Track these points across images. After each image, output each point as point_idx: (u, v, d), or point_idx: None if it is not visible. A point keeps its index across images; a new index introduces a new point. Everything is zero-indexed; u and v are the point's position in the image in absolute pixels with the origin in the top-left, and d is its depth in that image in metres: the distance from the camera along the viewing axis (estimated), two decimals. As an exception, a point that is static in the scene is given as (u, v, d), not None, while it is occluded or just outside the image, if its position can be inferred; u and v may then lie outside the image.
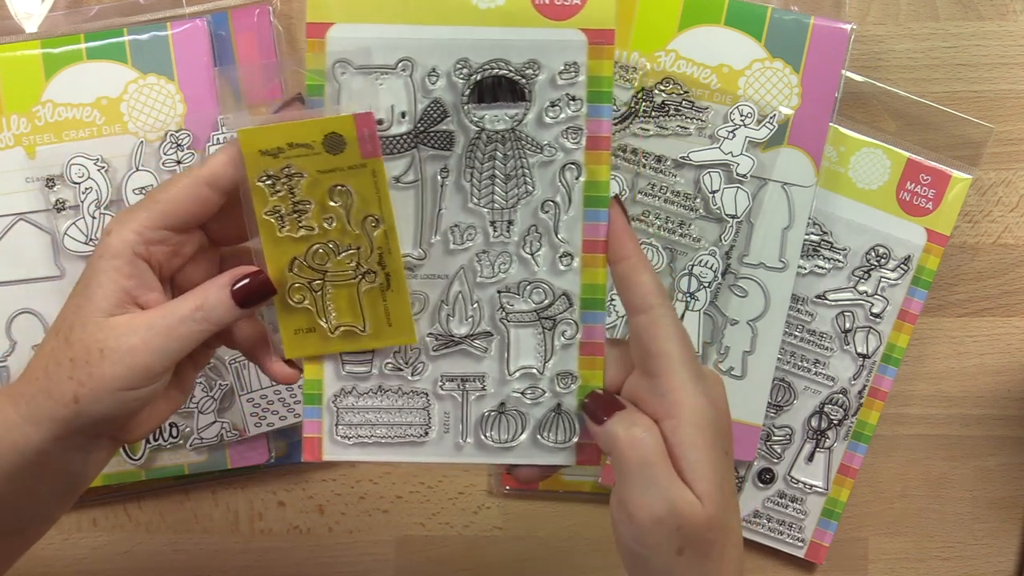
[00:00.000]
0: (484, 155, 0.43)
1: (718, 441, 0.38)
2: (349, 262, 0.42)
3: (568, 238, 0.43)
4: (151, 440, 0.59)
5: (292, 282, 0.42)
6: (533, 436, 0.43)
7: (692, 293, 0.58)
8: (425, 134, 0.42)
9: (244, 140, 0.40)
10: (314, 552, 0.62)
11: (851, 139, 0.59)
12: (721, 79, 0.57)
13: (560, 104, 0.42)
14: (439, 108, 0.42)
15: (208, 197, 0.40)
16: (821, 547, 0.62)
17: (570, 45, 0.42)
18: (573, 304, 0.43)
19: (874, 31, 0.61)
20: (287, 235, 0.41)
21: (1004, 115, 0.61)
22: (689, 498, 0.37)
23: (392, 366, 0.43)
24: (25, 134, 0.57)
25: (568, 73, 0.42)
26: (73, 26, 0.58)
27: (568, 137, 0.42)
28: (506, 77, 0.42)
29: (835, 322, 0.60)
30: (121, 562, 0.62)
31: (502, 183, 0.43)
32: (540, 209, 0.43)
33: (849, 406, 0.60)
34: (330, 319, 0.42)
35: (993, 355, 0.62)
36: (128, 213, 0.40)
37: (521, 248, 0.43)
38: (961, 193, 0.59)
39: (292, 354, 0.43)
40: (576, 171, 0.43)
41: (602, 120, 0.42)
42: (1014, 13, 0.61)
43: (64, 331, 0.40)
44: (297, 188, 0.41)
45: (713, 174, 0.58)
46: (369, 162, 0.40)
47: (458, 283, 0.43)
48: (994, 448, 0.63)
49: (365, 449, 0.44)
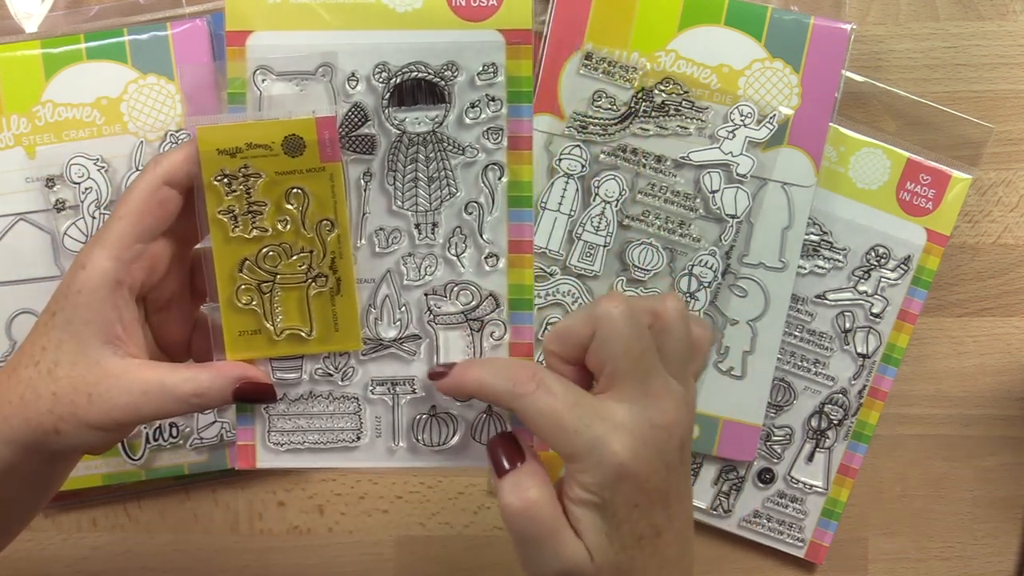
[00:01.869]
0: (406, 158, 0.43)
1: (624, 482, 0.37)
2: (300, 265, 0.41)
3: (493, 239, 0.43)
4: (151, 440, 0.59)
5: (240, 283, 0.41)
6: (466, 438, 0.43)
7: (692, 293, 0.58)
8: (346, 138, 0.42)
9: (202, 138, 0.40)
10: (314, 552, 0.62)
11: (851, 139, 0.59)
12: (721, 79, 0.57)
13: (480, 105, 0.43)
14: (360, 112, 0.42)
15: (169, 196, 0.40)
16: (821, 547, 0.62)
17: (488, 46, 0.42)
18: (500, 305, 0.43)
19: (874, 31, 0.61)
20: (239, 235, 0.41)
21: (1004, 115, 0.61)
22: (579, 555, 0.37)
23: (322, 371, 0.43)
24: (25, 134, 0.57)
25: (487, 74, 0.42)
26: (73, 26, 0.58)
27: (489, 138, 0.43)
28: (425, 79, 0.42)
29: (835, 322, 0.60)
30: (121, 562, 0.62)
31: (425, 185, 0.43)
32: (464, 210, 0.43)
33: (849, 406, 0.60)
34: (276, 322, 0.42)
35: (993, 355, 0.62)
36: (98, 239, 0.40)
37: (447, 250, 0.43)
38: (961, 193, 0.59)
39: (234, 356, 0.42)
40: (499, 171, 0.43)
41: (522, 120, 0.43)
42: (1014, 13, 0.61)
43: (47, 364, 0.39)
44: (254, 188, 0.40)
45: (713, 174, 0.58)
46: (328, 166, 0.40)
47: (385, 286, 0.43)
48: (994, 448, 0.63)
49: (298, 455, 0.44)
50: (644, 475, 0.37)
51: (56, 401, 0.39)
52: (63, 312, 0.39)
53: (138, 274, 0.40)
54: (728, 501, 0.61)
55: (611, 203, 0.58)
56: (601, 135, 0.58)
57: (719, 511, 0.61)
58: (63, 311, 0.39)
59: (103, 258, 0.39)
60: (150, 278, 0.41)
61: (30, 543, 0.61)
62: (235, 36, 0.42)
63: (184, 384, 0.40)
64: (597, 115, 0.57)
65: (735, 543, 0.62)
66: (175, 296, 0.44)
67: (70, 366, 0.39)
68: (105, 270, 0.39)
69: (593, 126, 0.58)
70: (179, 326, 0.44)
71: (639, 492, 0.37)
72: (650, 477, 0.37)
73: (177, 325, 0.44)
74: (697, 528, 0.62)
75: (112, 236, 0.39)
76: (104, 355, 0.39)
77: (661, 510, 0.38)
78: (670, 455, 0.38)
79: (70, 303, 0.39)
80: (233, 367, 0.41)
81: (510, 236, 0.43)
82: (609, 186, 0.58)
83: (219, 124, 0.40)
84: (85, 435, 0.39)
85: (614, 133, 0.57)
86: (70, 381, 0.39)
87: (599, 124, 0.58)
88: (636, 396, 0.37)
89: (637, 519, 0.37)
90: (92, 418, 0.39)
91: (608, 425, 0.37)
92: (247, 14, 0.42)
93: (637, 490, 0.37)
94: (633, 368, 0.37)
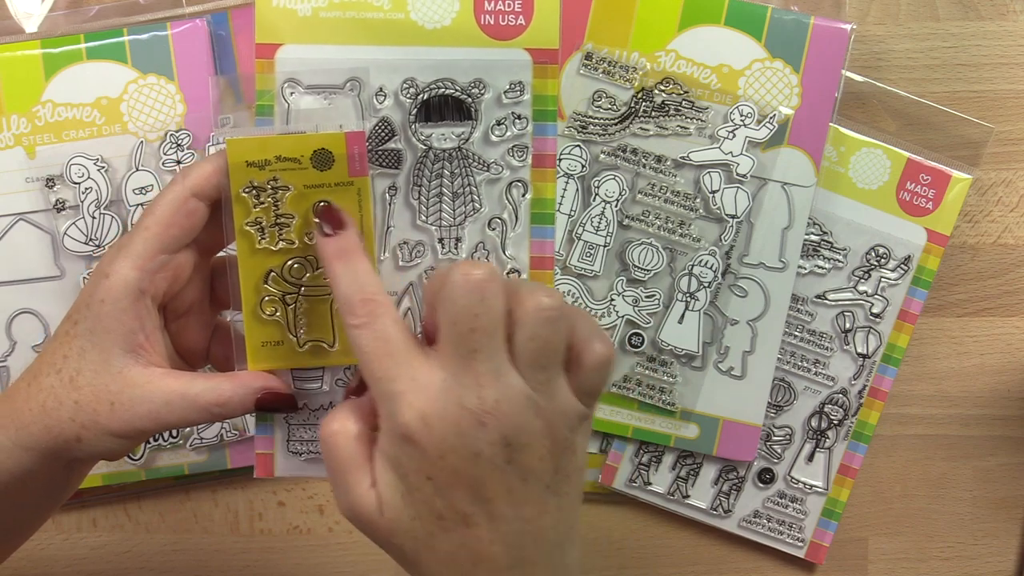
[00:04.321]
0: (432, 173, 0.43)
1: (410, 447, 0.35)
2: (326, 278, 0.42)
3: (515, 254, 0.43)
4: (151, 440, 0.59)
5: (265, 295, 0.41)
6: None
7: (692, 293, 0.58)
8: (373, 153, 0.43)
9: (231, 150, 0.40)
10: (314, 552, 0.62)
11: (851, 139, 0.59)
12: (721, 79, 0.57)
13: (506, 123, 0.43)
14: (387, 127, 0.42)
15: (196, 208, 0.40)
16: (821, 547, 0.62)
17: (515, 65, 0.43)
18: None
19: (874, 31, 0.61)
20: (265, 247, 0.41)
21: (1004, 115, 0.61)
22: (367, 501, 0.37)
23: (343, 381, 0.43)
24: (25, 134, 0.57)
25: (513, 92, 0.43)
26: (73, 26, 0.58)
27: (514, 155, 0.43)
28: (452, 96, 0.43)
29: (835, 322, 0.60)
30: (121, 562, 0.62)
31: (450, 200, 0.43)
32: (487, 226, 0.43)
33: (849, 406, 0.60)
34: (300, 333, 0.42)
35: (993, 355, 0.62)
36: (122, 248, 0.40)
37: None
38: (961, 193, 0.59)
39: (257, 366, 0.42)
40: (522, 188, 0.43)
41: (547, 138, 0.43)
42: (1014, 13, 0.61)
43: (69, 372, 0.39)
44: (282, 201, 0.40)
45: (713, 174, 0.58)
46: (356, 180, 0.40)
47: (408, 299, 0.43)
48: (994, 448, 0.63)
49: (316, 465, 0.44)
50: (436, 450, 0.35)
51: (78, 409, 0.39)
52: (85, 321, 0.40)
53: (161, 284, 0.40)
54: (728, 501, 0.61)
55: (611, 203, 0.58)
56: (601, 135, 0.58)
57: (719, 511, 0.61)
58: (85, 320, 0.40)
59: (127, 268, 0.39)
60: (172, 287, 0.41)
61: (30, 543, 0.61)
62: (264, 48, 0.42)
63: (206, 394, 0.40)
64: (597, 115, 0.57)
65: (735, 543, 0.62)
66: (195, 303, 0.44)
67: (92, 375, 0.39)
68: (128, 280, 0.39)
69: (593, 126, 0.58)
70: (198, 333, 0.44)
71: (431, 465, 0.35)
72: (445, 455, 0.35)
73: (196, 332, 0.44)
74: (697, 528, 0.62)
75: (137, 246, 0.39)
76: (126, 364, 0.39)
77: (467, 497, 0.35)
78: (480, 445, 0.35)
79: (93, 312, 0.39)
80: (255, 377, 0.41)
81: (532, 252, 0.43)
82: (609, 186, 0.58)
83: (249, 136, 0.40)
84: (106, 443, 0.40)
85: (614, 133, 0.58)
86: (92, 390, 0.39)
87: (599, 124, 0.58)
88: (456, 370, 0.35)
89: (431, 494, 0.36)
90: (114, 426, 0.39)
91: (411, 385, 0.35)
92: (277, 27, 0.42)
93: (428, 463, 0.35)
94: (457, 341, 0.35)
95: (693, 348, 0.58)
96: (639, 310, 0.58)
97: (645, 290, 0.58)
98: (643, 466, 0.61)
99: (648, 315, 0.58)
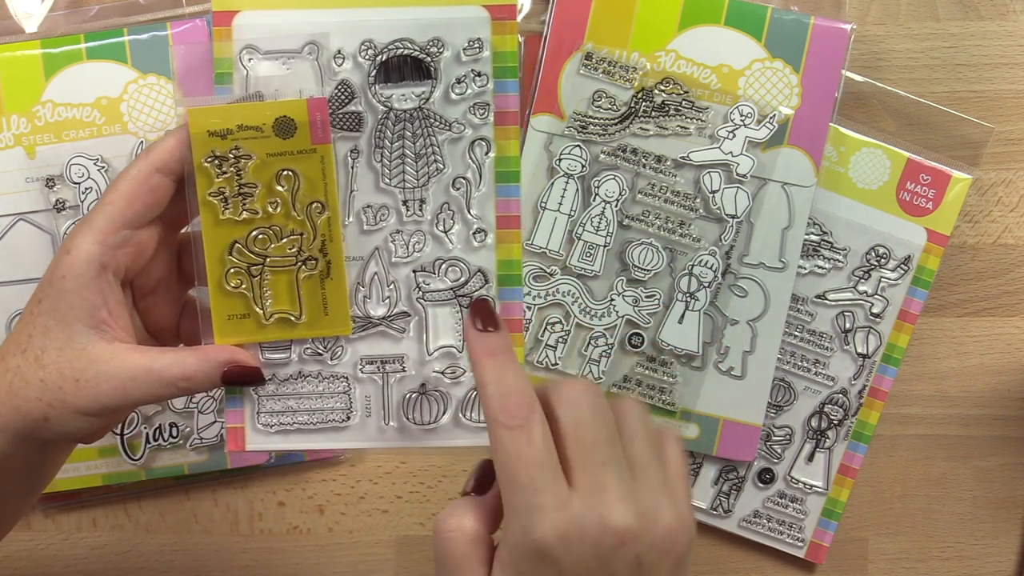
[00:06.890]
0: (393, 135, 0.43)
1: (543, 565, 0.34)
2: (290, 248, 0.41)
3: (481, 214, 0.43)
4: (151, 440, 0.59)
5: (230, 266, 0.41)
6: (455, 416, 0.43)
7: (692, 293, 0.58)
8: (334, 116, 0.42)
9: (193, 119, 0.40)
10: (314, 552, 0.62)
11: (851, 139, 0.59)
12: (721, 79, 0.57)
13: (466, 80, 0.43)
14: (346, 89, 0.42)
15: (160, 183, 0.40)
16: (821, 547, 0.62)
17: (473, 22, 0.42)
18: (489, 281, 0.43)
19: (874, 31, 0.61)
20: (229, 217, 0.41)
21: (1004, 115, 0.61)
22: None
23: (311, 351, 0.43)
24: (25, 134, 0.57)
25: (472, 49, 0.43)
26: (73, 26, 0.58)
27: (476, 113, 0.43)
28: (411, 56, 0.42)
29: (835, 322, 0.60)
30: (121, 562, 0.62)
31: (412, 162, 0.43)
32: (452, 186, 0.43)
33: (849, 406, 0.60)
34: (266, 306, 0.42)
35: (993, 355, 0.62)
36: (84, 224, 0.39)
37: (434, 226, 0.43)
38: (961, 193, 0.59)
39: (223, 340, 0.42)
40: (485, 147, 0.43)
41: (508, 95, 0.43)
42: (1014, 13, 0.61)
43: (34, 351, 0.39)
44: (244, 170, 0.40)
45: (713, 174, 0.58)
46: (319, 148, 0.41)
47: (374, 264, 0.43)
48: (994, 448, 0.63)
49: (288, 437, 0.43)
50: (570, 570, 0.33)
51: (44, 388, 0.39)
52: (48, 299, 0.39)
53: (123, 259, 0.40)
54: (728, 501, 0.61)
55: (611, 203, 0.58)
56: (601, 135, 0.58)
57: (719, 511, 0.61)
58: (48, 297, 0.39)
59: (87, 242, 0.39)
60: (136, 263, 0.41)
61: (30, 543, 0.61)
62: (222, 16, 0.42)
63: (171, 368, 0.40)
64: (597, 115, 0.57)
65: (735, 543, 0.62)
66: (163, 280, 0.43)
67: (57, 352, 0.39)
68: (89, 254, 0.39)
69: (593, 126, 0.58)
70: (167, 310, 0.44)
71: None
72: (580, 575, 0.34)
73: (165, 309, 0.44)
74: (697, 528, 0.62)
75: (98, 221, 0.39)
76: (90, 340, 0.39)
77: None
78: (616, 567, 0.34)
79: (55, 289, 0.39)
80: (221, 350, 0.41)
81: (498, 211, 0.43)
82: (609, 186, 0.58)
83: (211, 105, 0.40)
84: (74, 421, 0.39)
85: (614, 133, 0.57)
86: (57, 367, 0.39)
87: (599, 124, 0.58)
88: (590, 489, 0.34)
89: None
90: (80, 403, 0.39)
91: (554, 501, 0.34)
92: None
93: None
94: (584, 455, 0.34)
95: (693, 348, 0.58)
96: (639, 310, 0.58)
97: (645, 290, 0.58)
98: (643, 466, 0.61)
99: (648, 315, 0.58)
